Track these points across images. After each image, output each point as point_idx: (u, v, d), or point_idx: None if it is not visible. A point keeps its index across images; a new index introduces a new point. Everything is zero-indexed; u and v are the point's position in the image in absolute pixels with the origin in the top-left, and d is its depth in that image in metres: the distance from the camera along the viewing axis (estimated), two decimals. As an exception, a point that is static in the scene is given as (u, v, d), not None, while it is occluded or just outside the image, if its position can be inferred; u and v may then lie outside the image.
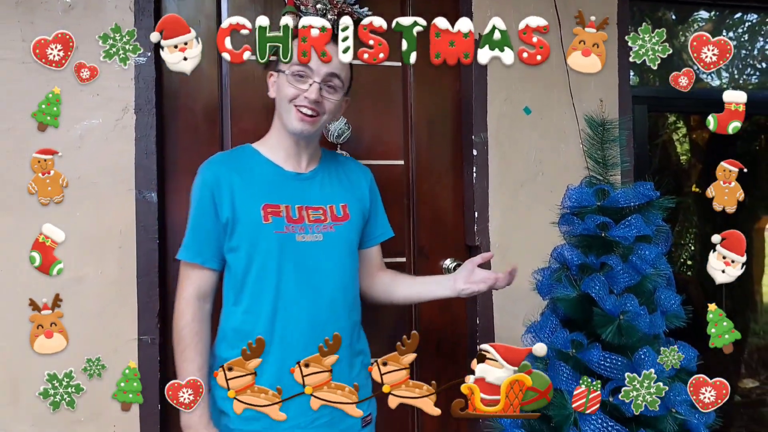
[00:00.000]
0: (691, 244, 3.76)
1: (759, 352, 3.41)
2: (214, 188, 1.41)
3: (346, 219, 1.49)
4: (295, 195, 1.45)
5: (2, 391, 1.62)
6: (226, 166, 1.45)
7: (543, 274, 1.48)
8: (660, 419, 1.28)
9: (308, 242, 1.43)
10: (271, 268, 1.39)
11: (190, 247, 1.43)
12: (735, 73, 2.94)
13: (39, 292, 1.62)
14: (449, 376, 1.97)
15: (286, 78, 1.39)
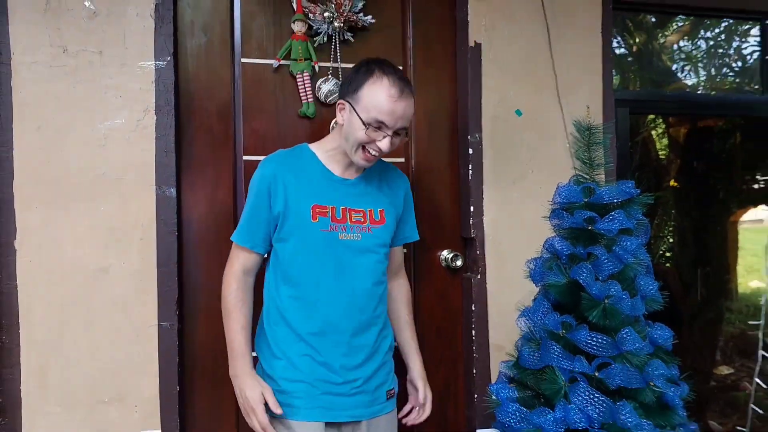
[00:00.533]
0: (669, 237, 3.91)
1: (734, 339, 3.57)
2: (271, 183, 1.54)
3: (382, 223, 1.62)
4: (341, 198, 1.58)
5: (33, 376, 1.72)
6: (284, 165, 1.58)
7: (536, 263, 1.63)
8: (639, 391, 1.44)
9: (348, 240, 1.57)
10: (314, 262, 1.54)
11: (243, 232, 1.57)
12: (713, 72, 3.09)
13: (68, 282, 1.76)
14: (448, 360, 2.12)
15: (365, 128, 1.49)
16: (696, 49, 3.01)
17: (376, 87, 1.49)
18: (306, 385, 1.53)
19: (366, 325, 1.59)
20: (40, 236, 1.73)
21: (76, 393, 1.75)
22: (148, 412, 1.79)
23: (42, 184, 1.73)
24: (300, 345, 1.54)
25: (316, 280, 1.55)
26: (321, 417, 1.53)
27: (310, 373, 1.54)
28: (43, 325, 1.73)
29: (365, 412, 1.58)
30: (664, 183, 3.93)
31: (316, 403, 1.53)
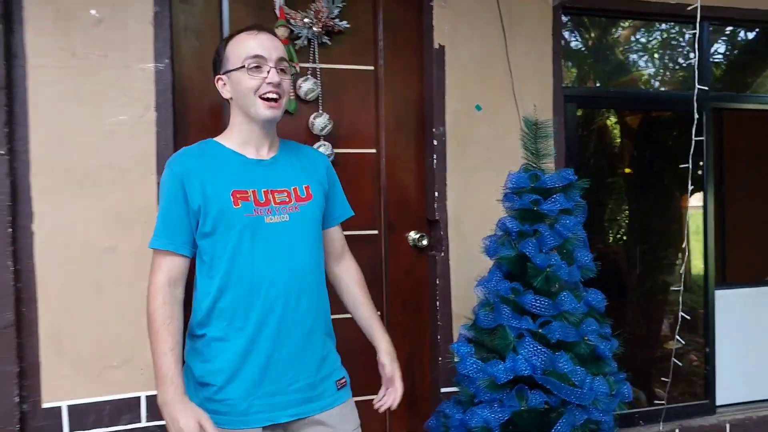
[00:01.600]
0: (623, 220, 4.22)
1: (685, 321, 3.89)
2: (184, 178, 1.43)
3: (309, 199, 1.53)
4: (261, 180, 1.49)
5: (50, 344, 1.93)
6: (194, 158, 1.48)
7: (490, 240, 1.90)
8: (575, 344, 1.72)
9: (276, 223, 1.47)
10: (244, 250, 1.43)
11: (161, 235, 1.44)
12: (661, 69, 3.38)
13: (79, 260, 1.97)
14: (414, 330, 2.39)
15: (246, 72, 1.44)
16: (647, 44, 3.30)
17: (233, 41, 1.50)
18: (242, 389, 1.42)
19: (306, 315, 1.49)
20: (53, 220, 1.93)
21: (87, 358, 1.97)
22: (152, 374, 1.99)
23: (55, 174, 1.93)
24: (234, 344, 1.43)
25: (248, 269, 1.44)
26: (259, 422, 1.43)
27: (246, 374, 1.43)
28: (57, 299, 1.94)
29: (311, 408, 1.49)
30: (618, 169, 4.24)
31: (254, 407, 1.43)
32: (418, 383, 2.41)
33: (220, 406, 1.42)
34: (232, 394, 1.43)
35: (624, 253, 3.66)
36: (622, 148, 4.19)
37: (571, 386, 1.65)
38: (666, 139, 3.97)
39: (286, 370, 1.46)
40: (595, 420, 1.73)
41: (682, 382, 3.10)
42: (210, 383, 1.43)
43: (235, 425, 1.42)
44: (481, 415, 1.73)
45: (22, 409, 1.90)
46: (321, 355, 1.52)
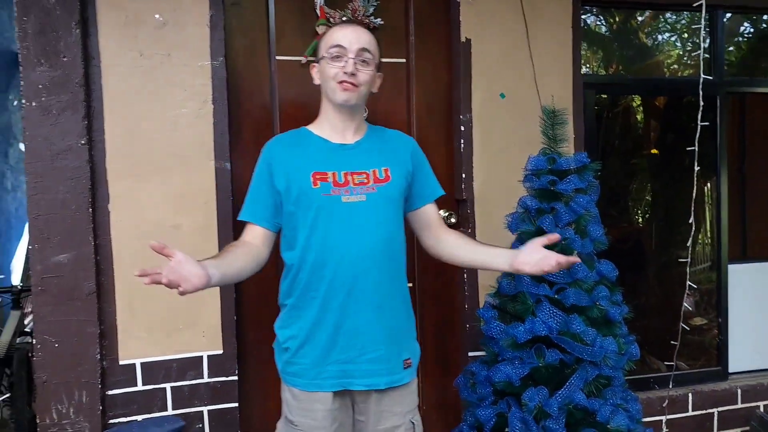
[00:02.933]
0: (645, 200, 4.35)
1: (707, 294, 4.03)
2: (271, 162, 1.61)
3: (387, 180, 1.62)
4: (341, 162, 1.61)
5: (125, 309, 2.21)
6: (282, 144, 1.67)
7: (512, 216, 2.11)
8: (588, 308, 1.93)
9: (353, 202, 1.57)
10: (320, 226, 1.55)
11: (246, 209, 1.64)
12: (680, 55, 3.51)
13: (149, 236, 2.23)
14: (446, 299, 2.61)
15: (328, 61, 1.58)
16: (665, 29, 3.43)
17: (326, 33, 1.65)
18: (313, 355, 1.55)
19: (376, 290, 1.57)
20: (126, 201, 2.20)
21: (157, 322, 2.25)
22: (212, 337, 2.29)
23: (127, 161, 2.20)
24: (306, 312, 1.57)
25: (322, 244, 1.55)
26: (330, 387, 1.55)
27: (316, 341, 1.55)
28: (131, 270, 2.18)
29: (379, 381, 1.57)
30: (643, 150, 4.36)
31: (323, 373, 1.55)
32: (448, 348, 2.65)
33: (296, 368, 1.58)
34: (304, 358, 1.57)
35: (644, 229, 3.82)
36: (644, 131, 4.31)
37: (583, 345, 1.86)
38: (687, 121, 4.09)
39: (355, 341, 1.55)
40: (606, 376, 1.95)
41: (697, 352, 3.28)
42: (288, 348, 1.60)
43: (307, 387, 1.56)
44: (503, 371, 1.95)
45: (103, 365, 2.19)
46: (391, 331, 1.60)
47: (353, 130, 1.66)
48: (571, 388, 1.91)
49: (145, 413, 2.23)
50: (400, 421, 1.62)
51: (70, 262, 2.13)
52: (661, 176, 3.97)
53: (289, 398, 1.61)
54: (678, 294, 3.72)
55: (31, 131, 2.10)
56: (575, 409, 1.92)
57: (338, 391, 1.57)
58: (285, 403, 1.64)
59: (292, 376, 1.60)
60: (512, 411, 1.96)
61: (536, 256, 1.58)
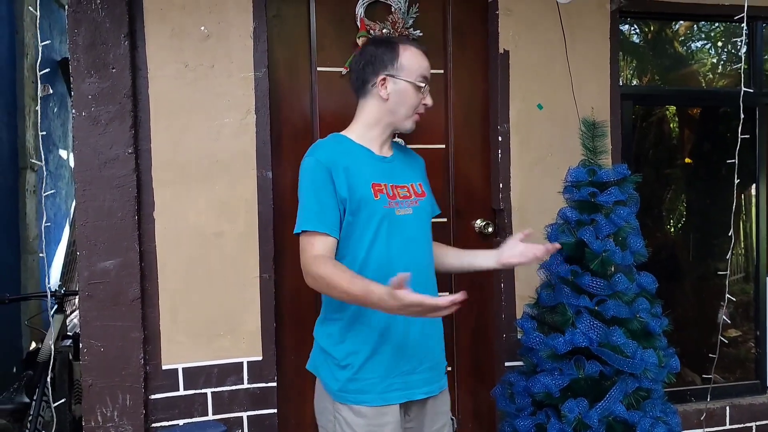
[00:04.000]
0: (680, 210, 4.31)
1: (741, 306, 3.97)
2: (331, 168, 1.53)
3: (424, 195, 1.69)
4: (389, 175, 1.63)
5: (168, 315, 2.26)
6: (335, 151, 1.59)
7: (552, 227, 2.12)
8: (628, 321, 1.93)
9: (403, 216, 1.60)
10: (381, 238, 1.56)
11: (313, 218, 1.52)
12: (719, 66, 3.48)
13: (192, 243, 2.28)
14: (481, 308, 2.63)
15: (415, 89, 1.60)
16: (703, 39, 3.40)
17: (409, 53, 1.59)
18: (381, 369, 1.54)
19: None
20: (171, 209, 2.25)
21: (199, 327, 2.29)
22: (252, 343, 2.32)
23: (171, 169, 2.25)
24: (371, 326, 1.54)
25: (386, 256, 1.55)
26: (397, 399, 1.55)
27: (384, 353, 1.54)
28: (174, 276, 2.27)
29: (434, 388, 1.63)
30: (678, 160, 4.32)
31: (392, 386, 1.54)
32: (483, 357, 2.65)
33: (363, 384, 1.54)
34: (372, 373, 1.54)
35: (678, 240, 3.78)
36: (679, 141, 4.27)
37: (623, 357, 1.86)
38: (724, 132, 4.05)
39: (416, 350, 1.58)
40: (646, 388, 1.94)
41: (735, 365, 3.23)
42: (350, 364, 1.54)
43: (376, 402, 1.53)
44: (543, 382, 1.95)
45: (146, 370, 2.24)
46: (439, 339, 1.69)
47: (389, 145, 1.71)
48: (611, 400, 1.91)
49: (186, 417, 2.27)
50: (445, 419, 1.70)
51: (115, 269, 2.19)
52: (697, 187, 3.94)
53: (351, 418, 1.53)
54: (714, 306, 3.69)
55: (80, 140, 2.16)
56: (615, 422, 1.91)
57: (402, 403, 1.59)
58: (344, 425, 1.54)
59: (356, 393, 1.54)
60: (551, 422, 1.96)
61: (519, 249, 1.68)
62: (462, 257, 1.81)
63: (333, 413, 1.58)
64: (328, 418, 1.61)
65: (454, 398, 2.63)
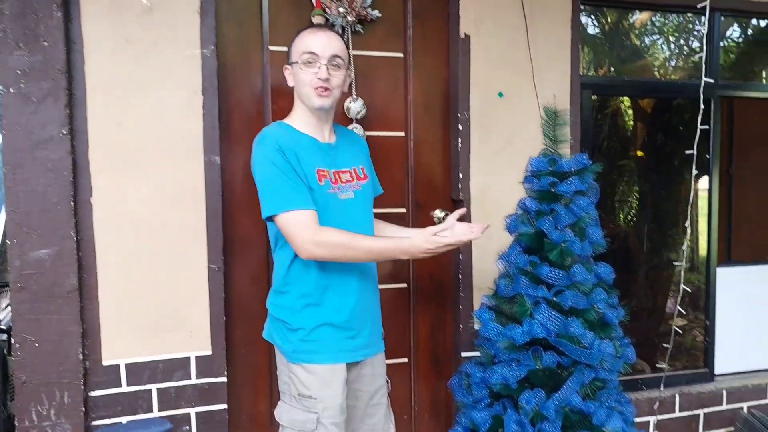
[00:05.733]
0: (632, 201, 4.37)
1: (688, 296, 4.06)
2: (285, 151, 1.60)
3: (365, 179, 1.78)
4: (331, 161, 1.69)
5: (109, 308, 2.12)
6: (284, 136, 1.64)
7: (512, 218, 2.07)
8: (586, 311, 1.91)
9: (346, 200, 1.69)
10: (327, 221, 1.62)
11: (292, 198, 1.58)
12: (674, 57, 3.50)
13: (135, 233, 2.14)
14: (439, 299, 2.58)
15: (300, 66, 1.65)
16: (661, 31, 3.42)
17: (298, 37, 1.69)
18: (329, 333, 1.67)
19: (373, 275, 1.80)
20: (110, 195, 2.11)
21: (143, 321, 2.17)
22: (200, 337, 2.21)
23: (111, 153, 2.10)
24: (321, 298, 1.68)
25: None
26: (345, 359, 1.70)
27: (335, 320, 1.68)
28: (115, 267, 2.13)
29: (371, 351, 1.79)
30: (630, 151, 4.37)
31: (340, 347, 1.69)
32: (440, 349, 2.61)
33: (313, 345, 1.67)
34: (322, 336, 1.68)
35: (631, 231, 3.84)
36: (634, 132, 4.32)
37: (581, 347, 1.84)
38: (677, 124, 4.11)
39: (363, 317, 1.74)
40: (602, 378, 1.93)
41: (683, 354, 3.30)
42: (302, 328, 1.68)
43: (326, 361, 1.67)
44: (500, 373, 1.92)
45: (85, 366, 2.10)
46: (377, 309, 1.84)
47: (329, 130, 1.76)
48: (568, 391, 1.89)
49: (130, 415, 2.15)
50: (383, 380, 1.87)
51: (50, 258, 2.04)
52: (650, 178, 3.99)
53: (304, 376, 1.66)
54: (663, 296, 3.76)
55: (9, 119, 1.99)
56: (571, 412, 1.89)
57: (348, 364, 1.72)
58: (296, 382, 1.68)
59: (308, 353, 1.67)
60: (508, 413, 1.93)
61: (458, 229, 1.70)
62: (397, 232, 1.93)
63: (288, 374, 1.71)
64: (284, 380, 1.74)
65: (410, 390, 2.59)
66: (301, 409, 1.66)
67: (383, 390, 1.88)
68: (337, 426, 1.67)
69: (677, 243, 3.89)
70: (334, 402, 1.66)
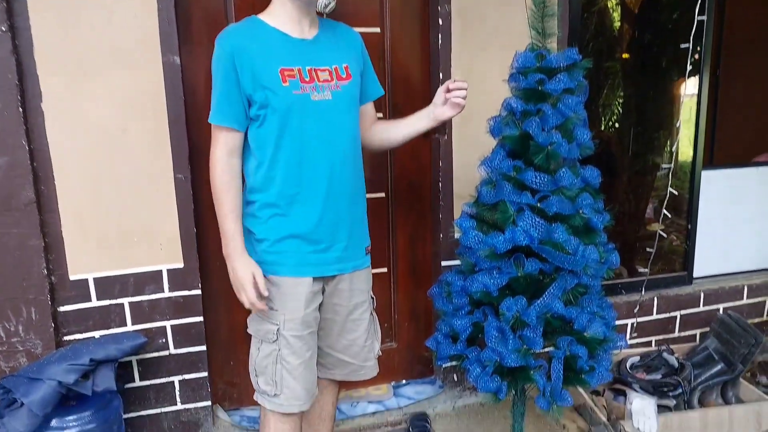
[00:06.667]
0: (616, 105, 4.26)
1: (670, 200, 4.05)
2: (235, 56, 1.51)
3: (349, 78, 1.64)
4: (305, 58, 1.57)
5: (71, 220, 2.01)
6: (242, 36, 1.54)
7: (495, 120, 1.95)
8: (571, 217, 1.84)
9: (320, 101, 1.57)
10: (294, 126, 1.55)
11: (218, 111, 1.55)
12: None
13: (93, 140, 2.01)
14: (418, 208, 2.50)
15: None
16: None
17: None
18: (294, 246, 1.61)
19: (348, 184, 1.66)
20: (63, 101, 1.94)
21: (109, 234, 2.07)
22: (172, 250, 2.13)
23: (60, 53, 1.91)
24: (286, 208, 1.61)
25: (298, 143, 1.56)
26: (311, 273, 1.64)
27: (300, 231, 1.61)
28: (76, 178, 2.00)
29: (347, 266, 1.71)
30: (616, 53, 4.21)
31: (306, 260, 1.63)
32: (420, 258, 2.56)
33: (277, 257, 1.62)
34: (287, 247, 1.62)
35: (617, 136, 3.75)
36: (621, 33, 4.14)
37: (565, 254, 1.79)
38: (665, 22, 3.93)
39: (333, 230, 1.65)
40: (584, 284, 1.89)
41: (661, 258, 3.31)
42: (266, 239, 1.62)
43: (290, 273, 1.62)
44: (481, 281, 1.87)
45: (51, 280, 2.02)
46: (358, 221, 1.73)
47: (309, 24, 1.62)
48: (550, 297, 1.86)
49: (103, 329, 2.10)
50: (365, 296, 1.80)
51: (2, 169, 1.90)
52: (636, 80, 3.86)
53: (268, 287, 1.62)
54: (646, 201, 3.74)
55: (-62, 14, 1.78)
56: (552, 318, 1.87)
57: (316, 277, 1.65)
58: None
59: (272, 265, 1.62)
60: (489, 320, 1.90)
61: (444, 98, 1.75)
62: (402, 126, 1.86)
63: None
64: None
65: (390, 299, 2.56)
66: (265, 320, 1.64)
67: (365, 306, 1.80)
68: (300, 339, 1.63)
69: (662, 146, 3.84)
70: (295, 315, 1.62)
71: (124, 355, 1.95)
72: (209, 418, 2.29)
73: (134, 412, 2.19)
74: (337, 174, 1.63)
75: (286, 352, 1.62)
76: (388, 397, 2.55)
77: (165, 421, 2.23)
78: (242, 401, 2.43)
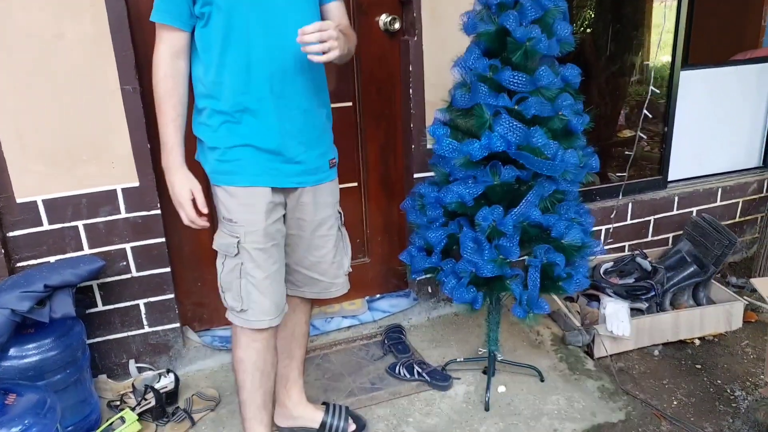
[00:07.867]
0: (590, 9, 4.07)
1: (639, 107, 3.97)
2: None
3: None
4: None
5: (12, 139, 1.85)
6: None
7: (469, 15, 1.80)
8: (550, 120, 1.74)
9: None
10: (239, 25, 1.41)
11: (159, 8, 1.43)
12: None
13: (25, 48, 1.80)
14: (388, 116, 2.37)
15: None
16: None
17: None
18: (248, 154, 1.49)
19: (303, 92, 1.51)
20: None
21: (55, 153, 1.91)
22: (125, 168, 1.99)
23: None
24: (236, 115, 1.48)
25: (245, 45, 1.42)
26: (268, 182, 1.52)
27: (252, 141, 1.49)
28: (10, 92, 1.81)
29: (309, 179, 1.59)
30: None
31: (262, 169, 1.51)
32: (391, 169, 2.46)
33: (231, 166, 1.50)
34: (239, 155, 1.50)
35: (592, 36, 3.60)
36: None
37: (543, 159, 1.70)
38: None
39: (289, 140, 1.52)
40: (562, 190, 1.83)
41: (634, 162, 3.28)
42: (218, 147, 1.50)
43: (245, 183, 1.51)
44: (455, 191, 1.79)
45: (-4, 204, 1.88)
46: (319, 133, 1.60)
47: None
48: (527, 205, 1.79)
49: (58, 254, 1.98)
50: (332, 210, 1.69)
51: (-76, 84, 1.70)
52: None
53: (225, 197, 1.54)
54: (622, 103, 3.65)
55: None
56: (530, 226, 1.82)
57: (275, 189, 1.55)
58: (220, 205, 1.57)
59: (227, 174, 1.52)
60: (464, 231, 1.84)
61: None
62: None
63: (214, 196, 1.59)
64: (215, 203, 1.60)
65: (362, 214, 2.48)
66: (226, 233, 1.55)
67: (331, 222, 1.70)
68: (264, 251, 1.54)
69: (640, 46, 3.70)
70: (256, 226, 1.52)
71: (82, 280, 1.85)
72: (179, 340, 2.24)
73: (100, 336, 2.11)
74: (289, 79, 1.48)
75: (250, 266, 1.54)
76: (362, 312, 2.52)
77: (133, 344, 2.17)
78: (213, 322, 2.38)
